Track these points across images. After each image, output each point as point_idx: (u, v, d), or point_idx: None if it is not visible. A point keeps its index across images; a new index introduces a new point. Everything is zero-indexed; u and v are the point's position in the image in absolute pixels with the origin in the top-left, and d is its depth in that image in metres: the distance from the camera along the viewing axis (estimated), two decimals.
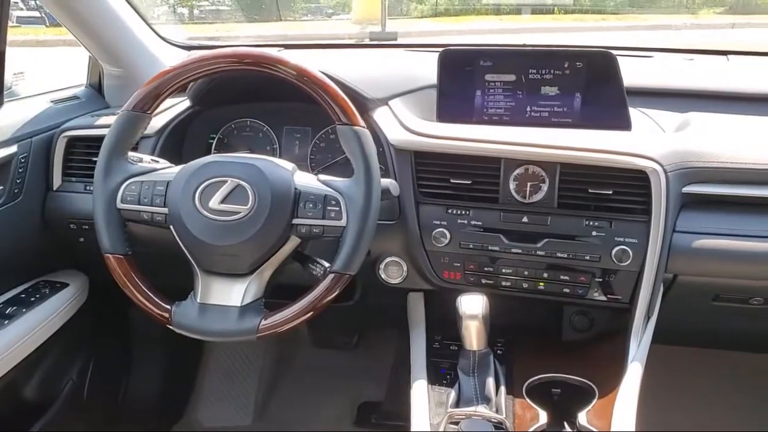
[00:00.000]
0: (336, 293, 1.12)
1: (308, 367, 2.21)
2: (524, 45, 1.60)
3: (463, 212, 1.31)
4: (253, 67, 1.13)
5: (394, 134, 1.33)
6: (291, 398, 2.15)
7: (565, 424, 1.15)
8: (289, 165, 1.18)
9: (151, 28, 1.71)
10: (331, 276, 1.12)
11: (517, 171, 1.29)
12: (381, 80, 1.46)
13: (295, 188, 1.13)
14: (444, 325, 1.34)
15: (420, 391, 1.25)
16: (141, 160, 1.23)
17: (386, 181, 1.20)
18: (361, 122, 1.14)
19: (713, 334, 1.53)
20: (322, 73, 1.15)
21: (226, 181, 1.12)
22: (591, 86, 1.36)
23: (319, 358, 2.21)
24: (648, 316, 1.26)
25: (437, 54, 1.41)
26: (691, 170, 1.23)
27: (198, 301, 1.15)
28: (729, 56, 1.70)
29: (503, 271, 1.31)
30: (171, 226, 1.15)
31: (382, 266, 1.38)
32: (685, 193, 1.23)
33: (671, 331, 1.35)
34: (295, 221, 1.12)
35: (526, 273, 1.31)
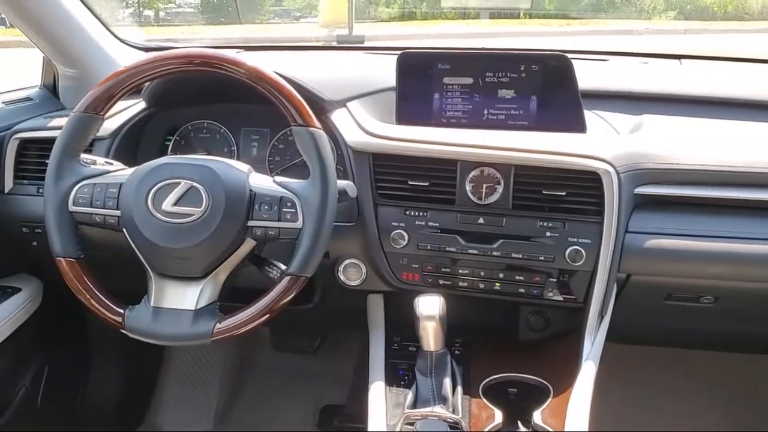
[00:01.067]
0: (292, 295, 1.12)
1: (270, 371, 2.20)
2: (482, 48, 1.62)
3: (421, 214, 1.32)
4: (205, 67, 1.12)
5: (352, 136, 1.34)
6: (253, 402, 2.13)
7: (520, 423, 1.16)
8: (244, 166, 1.17)
9: (108, 29, 1.68)
10: (287, 278, 1.11)
11: (473, 173, 1.30)
12: (339, 82, 1.46)
13: (250, 190, 1.13)
14: (403, 327, 1.35)
15: (377, 392, 1.25)
16: (94, 163, 1.21)
17: (343, 183, 1.20)
18: (317, 123, 1.14)
19: (666, 333, 1.56)
20: (277, 74, 1.15)
21: (179, 183, 1.11)
22: (547, 89, 1.38)
23: (280, 362, 2.20)
24: (601, 316, 1.28)
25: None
26: (643, 171, 1.25)
27: (152, 304, 1.14)
28: (682, 60, 1.73)
29: (460, 271, 1.32)
30: (124, 229, 1.14)
31: (341, 268, 1.38)
32: (637, 194, 1.25)
33: (625, 329, 1.37)
34: (251, 223, 1.12)
35: (482, 273, 1.32)
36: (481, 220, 1.30)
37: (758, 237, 1.23)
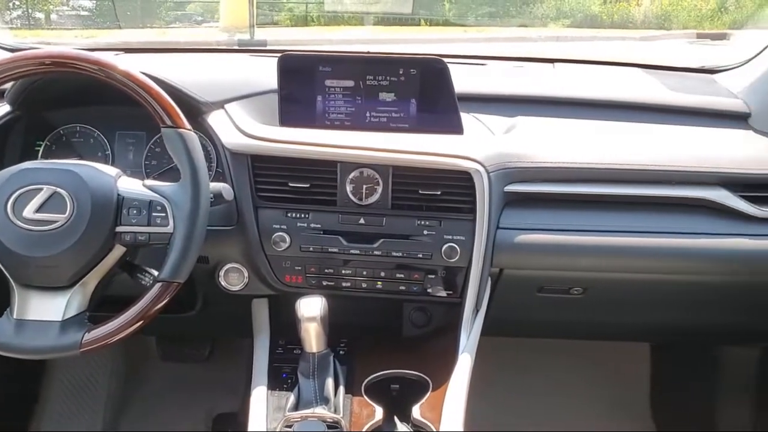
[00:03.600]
0: (165, 302, 1.10)
1: (160, 382, 2.13)
2: (364, 52, 1.64)
3: (303, 215, 1.32)
4: (61, 68, 1.09)
5: (229, 138, 1.32)
6: (141, 414, 2.06)
7: (396, 418, 1.18)
8: (112, 170, 1.14)
9: None
10: (158, 284, 1.09)
11: (353, 174, 1.31)
12: (218, 83, 1.44)
13: (119, 194, 1.10)
14: (289, 330, 1.34)
15: (259, 397, 1.24)
16: None
17: (218, 185, 1.19)
18: (187, 125, 1.12)
19: (540, 324, 1.63)
20: (146, 74, 1.12)
21: (41, 189, 1.07)
22: (425, 92, 1.40)
23: (170, 372, 2.14)
24: (477, 309, 1.33)
25: None
26: (511, 170, 1.31)
27: (14, 317, 1.09)
28: (555, 64, 1.82)
29: (343, 272, 1.34)
30: None
31: (221, 273, 1.36)
32: (507, 191, 1.31)
33: (501, 322, 1.42)
34: (119, 229, 1.09)
35: (364, 273, 1.34)
36: (362, 221, 1.32)
37: (620, 230, 1.32)
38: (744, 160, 1.38)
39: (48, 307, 1.09)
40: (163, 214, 1.09)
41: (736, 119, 1.55)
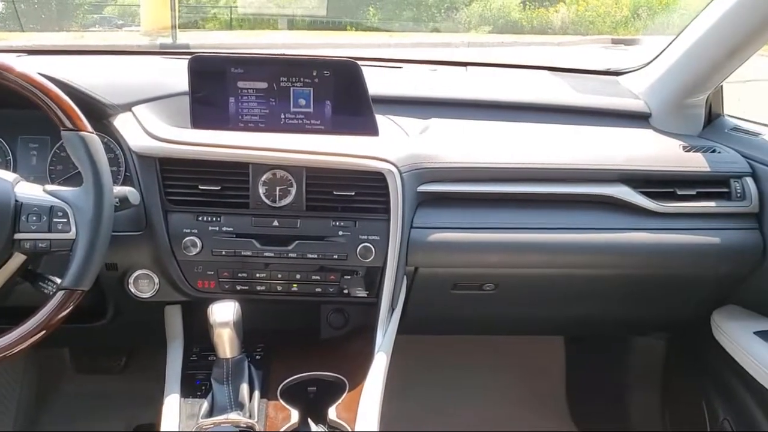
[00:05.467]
0: (68, 311, 1.06)
1: (75, 396, 2.04)
2: (282, 54, 1.63)
3: (214, 219, 1.30)
4: None
5: (136, 140, 1.29)
6: (57, 429, 1.98)
7: (311, 420, 1.18)
8: (10, 176, 1.10)
9: None
10: (61, 293, 1.06)
11: (266, 176, 1.30)
12: (125, 86, 1.41)
13: (16, 200, 1.06)
14: (204, 336, 1.32)
15: (172, 405, 1.22)
16: None
17: (124, 189, 1.16)
18: (88, 127, 1.09)
19: (456, 322, 1.66)
20: (44, 76, 1.09)
21: None
22: (339, 94, 1.41)
23: (86, 385, 2.05)
24: (393, 309, 1.34)
25: None
26: (423, 171, 1.33)
27: None
28: (467, 67, 1.86)
29: (257, 275, 1.32)
30: None
31: (131, 280, 1.33)
32: (420, 191, 1.34)
33: (418, 321, 1.44)
34: (18, 236, 1.05)
35: (279, 276, 1.33)
36: (275, 223, 1.31)
37: (528, 227, 1.36)
38: (643, 158, 1.45)
39: None
40: (65, 220, 1.06)
41: (638, 119, 1.63)
